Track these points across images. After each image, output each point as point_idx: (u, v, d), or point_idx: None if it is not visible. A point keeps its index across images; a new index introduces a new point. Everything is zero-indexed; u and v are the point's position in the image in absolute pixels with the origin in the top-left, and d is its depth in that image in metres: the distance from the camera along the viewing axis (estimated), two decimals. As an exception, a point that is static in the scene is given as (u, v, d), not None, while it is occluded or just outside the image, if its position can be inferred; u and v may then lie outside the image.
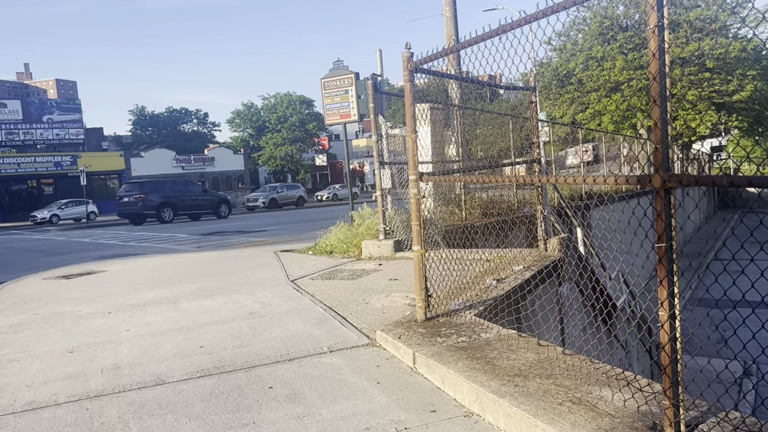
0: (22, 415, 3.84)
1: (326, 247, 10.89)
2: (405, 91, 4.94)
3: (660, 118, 2.57)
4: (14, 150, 49.12)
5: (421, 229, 4.97)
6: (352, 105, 14.71)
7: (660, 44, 2.58)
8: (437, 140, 10.72)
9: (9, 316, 7.06)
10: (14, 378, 4.60)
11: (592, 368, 3.61)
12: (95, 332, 5.92)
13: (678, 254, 2.67)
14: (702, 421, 2.78)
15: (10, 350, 5.46)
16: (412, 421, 3.42)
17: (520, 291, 5.84)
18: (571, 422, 2.89)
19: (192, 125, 76.57)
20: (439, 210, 10.52)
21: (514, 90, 8.02)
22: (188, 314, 6.45)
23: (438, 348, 4.28)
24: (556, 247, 7.58)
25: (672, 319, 2.63)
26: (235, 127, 72.58)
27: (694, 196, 33.40)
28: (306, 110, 68.77)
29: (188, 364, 4.66)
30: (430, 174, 5.29)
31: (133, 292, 8.11)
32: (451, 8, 16.21)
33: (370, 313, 5.85)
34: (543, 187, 7.80)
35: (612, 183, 3.00)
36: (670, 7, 2.64)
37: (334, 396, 3.84)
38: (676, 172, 2.86)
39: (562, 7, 3.14)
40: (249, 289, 7.66)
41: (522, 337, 4.42)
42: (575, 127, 25.45)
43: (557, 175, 14.94)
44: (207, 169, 60.17)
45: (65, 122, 51.59)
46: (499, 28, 3.75)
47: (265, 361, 4.61)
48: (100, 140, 62.30)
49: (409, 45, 4.91)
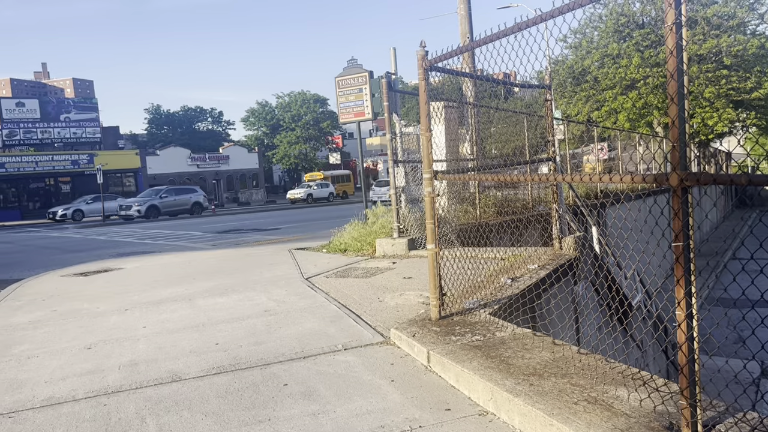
0: (41, 410, 3.89)
1: (340, 245, 10.92)
2: (419, 89, 4.94)
3: (677, 116, 2.55)
4: (32, 149, 49.71)
5: (435, 227, 4.97)
6: (366, 103, 14.74)
7: (677, 41, 2.56)
8: (451, 138, 10.71)
9: (28, 313, 7.15)
10: (33, 374, 4.67)
11: (607, 367, 3.59)
12: (112, 329, 5.99)
13: (695, 253, 2.65)
14: (719, 421, 2.76)
15: (30, 346, 5.53)
16: (427, 419, 3.42)
17: (534, 290, 5.83)
18: (586, 422, 2.87)
19: (207, 124, 77.05)
20: (454, 208, 10.50)
21: (529, 88, 7.99)
22: (204, 311, 6.49)
23: (452, 346, 4.28)
24: (571, 246, 7.54)
25: (689, 319, 2.61)
26: (250, 126, 72.92)
27: (712, 194, 33.07)
28: (320, 109, 68.93)
29: (204, 360, 4.70)
30: (445, 172, 5.28)
31: (149, 290, 8.18)
32: (465, 6, 16.16)
33: (385, 312, 5.86)
34: (558, 185, 7.77)
35: (628, 181, 2.98)
36: (687, 3, 2.62)
37: (348, 393, 3.85)
38: (694, 170, 2.83)
39: (578, 5, 3.12)
40: (264, 287, 7.70)
41: (537, 336, 4.41)
42: (590, 125, 25.27)
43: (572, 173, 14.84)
44: (222, 167, 60.48)
45: (82, 121, 52.11)
46: (514, 26, 3.74)
47: (280, 359, 4.64)
48: (117, 139, 62.88)
49: (424, 43, 4.91)
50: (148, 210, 34.94)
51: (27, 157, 46.94)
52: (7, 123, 48.45)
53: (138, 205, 35.08)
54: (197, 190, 40.37)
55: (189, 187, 41.46)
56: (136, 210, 34.74)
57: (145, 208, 34.92)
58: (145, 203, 35.41)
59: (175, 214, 36.34)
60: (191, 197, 38.38)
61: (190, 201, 37.97)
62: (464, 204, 11.33)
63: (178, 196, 37.54)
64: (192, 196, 38.47)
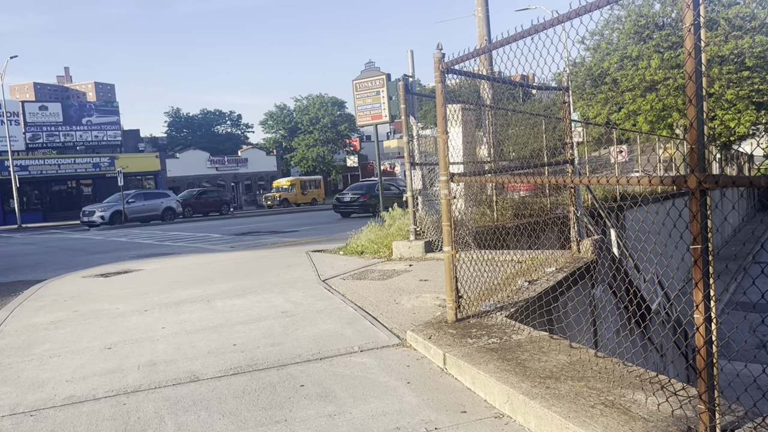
0: (62, 408, 3.95)
1: (357, 247, 10.94)
2: (436, 92, 4.94)
3: (696, 118, 2.54)
4: (55, 152, 50.46)
5: (452, 229, 4.97)
6: (384, 106, 14.77)
7: (696, 43, 2.55)
8: (468, 141, 10.68)
9: (50, 313, 7.26)
10: (55, 373, 4.74)
11: (625, 371, 3.56)
12: (132, 329, 6.06)
13: (714, 256, 2.62)
14: (738, 426, 2.73)
15: (52, 346, 5.62)
16: (442, 421, 3.42)
17: (552, 293, 5.79)
18: (603, 425, 2.86)
19: (226, 127, 77.72)
20: (471, 211, 10.48)
21: (546, 90, 7.95)
22: (222, 313, 6.55)
23: (468, 349, 4.27)
24: (589, 249, 7.49)
25: (708, 323, 2.59)
26: (268, 129, 73.40)
27: (732, 197, 32.63)
28: (338, 111, 69.19)
29: (222, 361, 4.74)
30: (461, 175, 5.28)
31: (168, 291, 8.26)
32: (483, 9, 16.14)
33: (401, 314, 5.86)
34: (576, 188, 7.72)
35: (646, 184, 2.96)
36: (707, 4, 2.60)
37: (364, 395, 3.87)
38: (713, 172, 2.81)
39: (595, 7, 3.12)
40: (281, 289, 7.75)
41: (554, 339, 4.39)
42: (610, 127, 25.06)
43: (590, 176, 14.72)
44: (240, 170, 60.91)
45: (103, 124, 52.81)
46: (531, 28, 3.73)
47: (296, 360, 4.66)
48: (137, 142, 63.66)
49: (441, 46, 4.92)
50: (112, 216, 32.77)
51: (50, 159, 47.65)
52: (31, 126, 49.22)
53: (102, 211, 32.75)
54: (170, 194, 38.00)
55: (161, 192, 39.45)
56: (99, 216, 32.42)
57: (109, 214, 32.74)
58: (109, 209, 33.21)
59: (145, 220, 34.42)
60: (162, 202, 35.83)
61: (161, 206, 35.48)
62: (481, 206, 11.31)
63: (147, 201, 35.28)
64: (164, 201, 35.96)
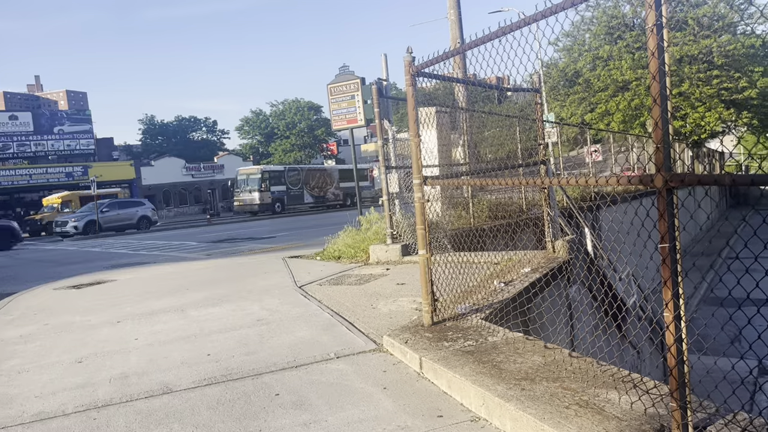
0: (30, 425, 3.85)
1: (334, 252, 10.89)
2: (407, 95, 4.93)
3: (660, 117, 2.55)
4: (26, 161, 49.62)
5: (426, 233, 4.96)
6: (359, 110, 14.73)
7: (659, 43, 2.56)
8: (444, 144, 10.71)
9: (19, 327, 7.10)
10: (23, 389, 4.62)
11: (599, 371, 3.57)
12: (104, 342, 5.94)
13: (682, 254, 2.64)
14: (710, 422, 2.74)
15: (20, 361, 5.48)
16: (419, 426, 3.40)
17: (526, 293, 5.81)
18: (578, 426, 2.86)
19: (201, 133, 76.98)
20: (447, 213, 10.50)
21: (518, 92, 7.99)
22: (196, 322, 6.46)
23: (444, 352, 4.26)
24: (563, 249, 7.53)
25: (677, 321, 2.60)
26: (244, 135, 72.92)
27: (714, 195, 33.19)
28: (314, 116, 69.05)
29: (195, 372, 4.67)
30: (435, 177, 5.28)
31: (142, 301, 8.14)
32: (456, 11, 16.22)
33: (377, 318, 5.84)
34: (550, 188, 7.76)
35: (615, 183, 2.97)
36: (674, 5, 2.61)
37: (340, 402, 3.83)
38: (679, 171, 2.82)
39: (560, 8, 3.13)
40: (257, 296, 7.67)
41: (529, 340, 4.39)
42: (583, 128, 25.33)
43: (561, 177, 14.87)
44: (217, 176, 60.41)
45: (76, 133, 52.07)
46: (498, 30, 3.74)
47: (272, 368, 4.61)
48: (111, 150, 62.79)
49: (410, 49, 4.92)
50: (86, 226, 32.04)
51: (21, 170, 46.88)
52: (1, 136, 48.37)
53: (75, 221, 32.09)
54: (145, 203, 37.48)
55: (135, 200, 38.84)
56: (72, 226, 31.80)
57: (83, 224, 32.02)
58: (83, 218, 32.46)
59: (120, 229, 33.86)
60: (138, 211, 35.28)
61: (137, 215, 34.99)
62: (458, 209, 11.33)
63: (122, 210, 34.65)
64: (139, 210, 35.42)
